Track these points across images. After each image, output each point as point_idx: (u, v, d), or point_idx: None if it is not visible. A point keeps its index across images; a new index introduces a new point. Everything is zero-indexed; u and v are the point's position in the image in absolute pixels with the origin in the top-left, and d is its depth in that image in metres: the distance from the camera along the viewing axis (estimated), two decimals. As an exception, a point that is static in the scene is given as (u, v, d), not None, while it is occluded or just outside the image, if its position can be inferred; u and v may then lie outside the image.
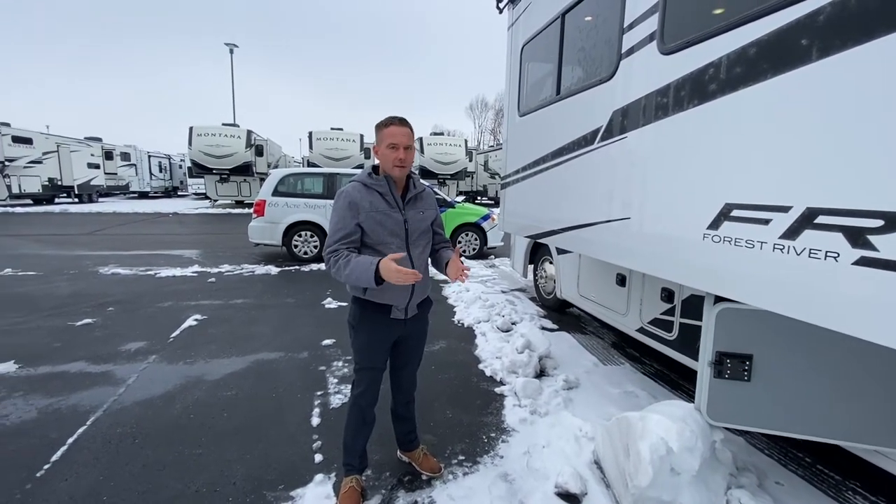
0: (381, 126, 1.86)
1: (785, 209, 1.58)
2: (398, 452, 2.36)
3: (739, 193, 1.79)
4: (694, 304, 2.83)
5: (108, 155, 25.25)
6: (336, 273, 1.78)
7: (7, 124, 18.82)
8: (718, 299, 2.04)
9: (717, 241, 1.88)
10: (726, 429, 2.23)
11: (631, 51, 2.45)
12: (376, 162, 1.95)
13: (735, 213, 1.79)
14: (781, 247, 1.60)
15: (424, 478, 2.23)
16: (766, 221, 1.65)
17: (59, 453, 2.36)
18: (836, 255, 1.42)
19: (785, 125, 1.61)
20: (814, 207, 1.49)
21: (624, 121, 2.51)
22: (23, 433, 2.54)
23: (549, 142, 3.43)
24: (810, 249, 1.50)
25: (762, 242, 1.67)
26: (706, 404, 2.11)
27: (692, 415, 2.08)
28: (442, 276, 1.97)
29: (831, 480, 2.29)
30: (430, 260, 2.10)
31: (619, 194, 2.59)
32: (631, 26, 2.44)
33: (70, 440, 2.48)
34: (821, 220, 1.47)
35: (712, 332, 2.07)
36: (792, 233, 1.56)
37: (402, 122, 1.86)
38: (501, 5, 4.47)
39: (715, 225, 1.88)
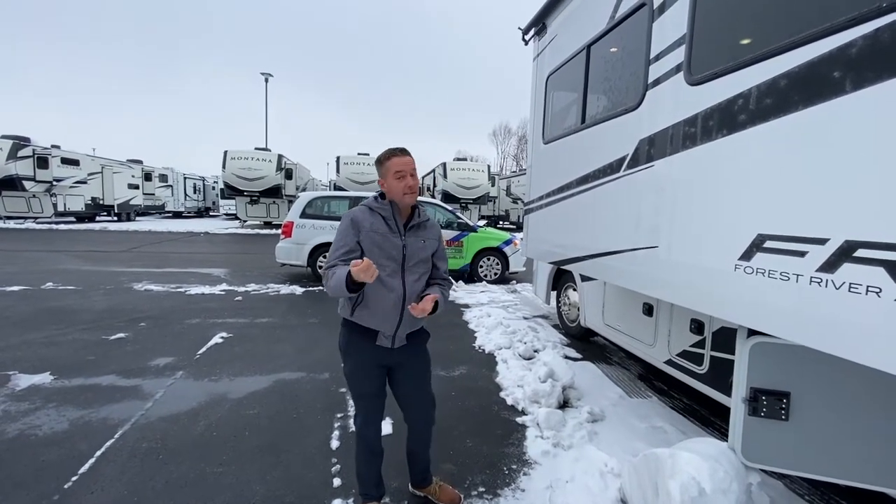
0: (382, 160, 1.89)
1: (821, 241, 1.54)
2: (410, 486, 2.28)
3: (772, 224, 1.75)
4: (726, 337, 2.73)
5: (148, 176, 26.65)
6: (326, 286, 1.80)
7: (57, 146, 20.11)
8: (752, 332, 1.97)
9: (749, 272, 1.83)
10: (763, 471, 2.11)
11: (657, 81, 2.47)
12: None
13: (768, 244, 1.75)
14: (819, 280, 1.54)
15: (444, 508, 2.17)
16: (802, 254, 1.60)
17: (87, 465, 2.42)
18: (877, 290, 1.37)
19: (819, 156, 1.58)
20: (853, 240, 1.44)
21: (651, 149, 2.50)
22: (54, 444, 2.62)
23: (574, 169, 3.45)
24: (850, 284, 1.44)
25: (798, 275, 1.62)
26: (741, 443, 2.01)
27: (726, 454, 1.98)
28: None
29: (881, 533, 2.12)
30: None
31: (646, 222, 2.57)
32: (657, 57, 2.47)
33: (98, 453, 2.54)
34: (861, 253, 1.42)
35: (745, 366, 1.99)
36: (830, 266, 1.51)
37: (404, 151, 1.90)
38: (527, 37, 4.58)
39: (747, 256, 1.84)
